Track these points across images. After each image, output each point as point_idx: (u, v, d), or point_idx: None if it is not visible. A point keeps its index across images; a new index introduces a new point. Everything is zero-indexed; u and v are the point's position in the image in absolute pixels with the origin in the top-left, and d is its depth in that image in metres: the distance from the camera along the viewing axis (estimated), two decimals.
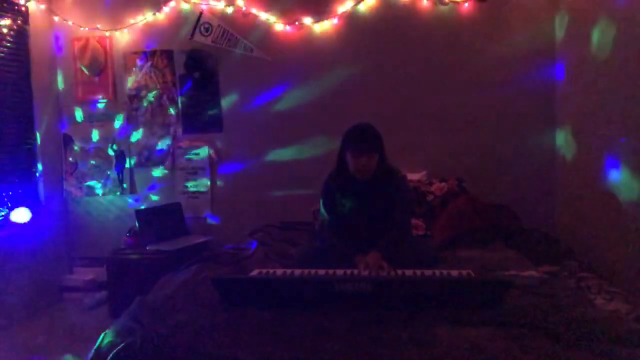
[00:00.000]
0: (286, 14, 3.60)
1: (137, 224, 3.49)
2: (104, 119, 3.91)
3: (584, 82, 2.93)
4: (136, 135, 3.89)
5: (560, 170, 3.35)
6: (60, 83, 3.94)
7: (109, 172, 3.92)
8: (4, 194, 3.46)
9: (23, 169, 3.64)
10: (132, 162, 3.90)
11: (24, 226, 3.53)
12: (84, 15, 3.85)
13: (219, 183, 3.83)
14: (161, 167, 3.88)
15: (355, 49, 3.55)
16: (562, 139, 3.30)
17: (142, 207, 3.76)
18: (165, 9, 3.74)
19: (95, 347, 1.70)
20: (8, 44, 3.52)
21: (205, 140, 3.80)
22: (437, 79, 3.49)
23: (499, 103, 3.44)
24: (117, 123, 3.89)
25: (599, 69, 2.71)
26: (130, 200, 3.90)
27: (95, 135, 3.92)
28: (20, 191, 3.60)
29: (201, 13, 3.65)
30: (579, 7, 3.01)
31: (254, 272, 2.16)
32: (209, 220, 3.84)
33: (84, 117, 3.94)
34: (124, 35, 3.83)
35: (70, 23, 3.85)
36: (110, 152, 3.91)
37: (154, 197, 3.90)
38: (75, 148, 3.95)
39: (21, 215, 3.49)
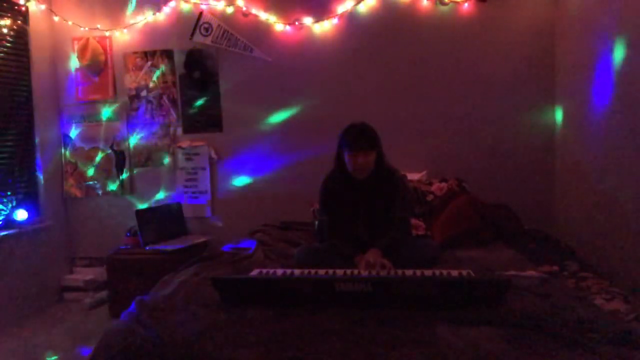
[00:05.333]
0: (286, 14, 3.60)
1: (137, 224, 3.49)
2: (104, 119, 3.92)
3: (584, 82, 2.93)
4: (136, 135, 3.89)
5: (560, 170, 3.35)
6: (61, 83, 3.94)
7: (108, 172, 3.92)
8: (4, 194, 3.47)
9: (23, 169, 3.65)
10: (132, 162, 3.90)
11: (24, 226, 3.53)
12: (83, 15, 3.86)
13: (219, 183, 3.83)
14: (161, 167, 3.88)
15: (355, 49, 3.55)
16: (562, 139, 3.30)
17: (142, 207, 3.76)
18: (165, 9, 3.74)
19: (95, 347, 1.70)
20: (8, 44, 3.53)
21: (205, 140, 3.80)
22: (437, 79, 3.49)
23: (498, 103, 3.44)
24: (117, 123, 3.90)
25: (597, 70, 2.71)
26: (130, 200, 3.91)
27: (95, 135, 3.93)
28: (20, 191, 3.60)
29: (201, 13, 3.65)
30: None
31: (254, 272, 2.16)
32: (212, 220, 3.84)
33: (83, 117, 3.94)
34: (124, 35, 3.83)
35: (70, 23, 3.85)
36: (110, 152, 3.91)
37: (154, 197, 3.90)
38: (75, 148, 3.95)
39: (21, 215, 3.50)
